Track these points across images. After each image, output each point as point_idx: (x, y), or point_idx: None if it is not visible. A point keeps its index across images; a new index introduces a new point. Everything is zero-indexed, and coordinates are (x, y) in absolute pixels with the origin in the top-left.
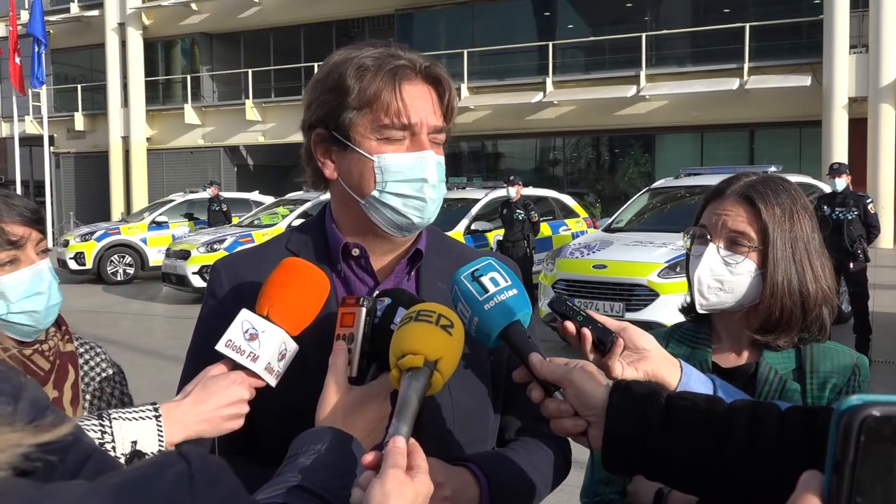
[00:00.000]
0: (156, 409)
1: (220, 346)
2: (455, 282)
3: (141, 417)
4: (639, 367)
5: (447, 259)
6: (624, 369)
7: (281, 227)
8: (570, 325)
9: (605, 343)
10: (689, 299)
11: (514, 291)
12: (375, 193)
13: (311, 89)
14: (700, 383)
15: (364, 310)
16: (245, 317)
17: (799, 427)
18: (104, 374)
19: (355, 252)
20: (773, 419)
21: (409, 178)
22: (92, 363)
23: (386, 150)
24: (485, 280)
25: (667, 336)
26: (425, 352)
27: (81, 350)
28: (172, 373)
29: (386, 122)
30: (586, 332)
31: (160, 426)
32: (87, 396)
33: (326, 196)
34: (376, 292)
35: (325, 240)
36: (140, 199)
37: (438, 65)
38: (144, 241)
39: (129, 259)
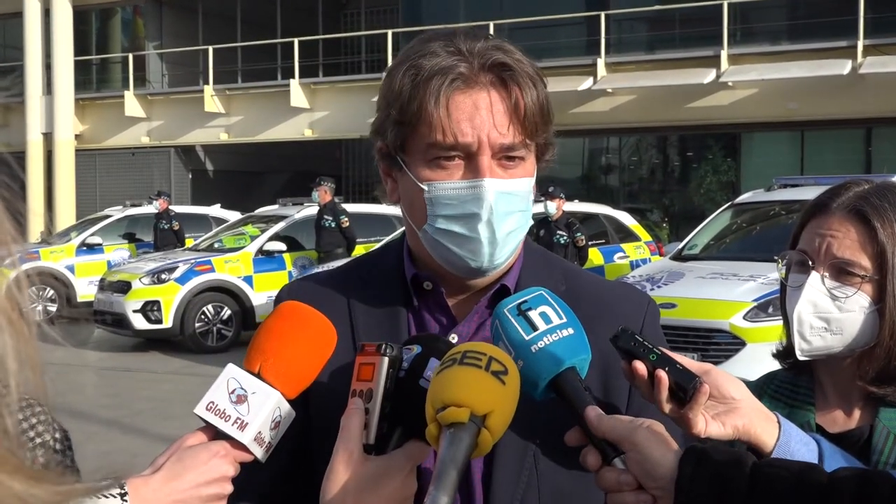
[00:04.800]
0: (121, 486)
1: (200, 410)
2: (496, 316)
3: (102, 495)
4: (726, 422)
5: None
6: (708, 424)
7: (249, 251)
8: (639, 367)
9: (685, 389)
10: (784, 342)
11: (570, 331)
12: (427, 228)
13: (381, 85)
14: (802, 444)
15: (386, 360)
16: (231, 373)
17: None
18: (39, 440)
19: (427, 286)
20: (885, 493)
21: (459, 214)
22: (24, 425)
23: (438, 176)
24: (533, 315)
25: (758, 389)
26: (472, 404)
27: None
28: (108, 441)
29: (431, 140)
30: (662, 374)
31: None
32: None
33: (310, 211)
34: (399, 345)
35: (402, 268)
36: (66, 215)
37: (509, 55)
38: (71, 268)
39: (50, 292)
